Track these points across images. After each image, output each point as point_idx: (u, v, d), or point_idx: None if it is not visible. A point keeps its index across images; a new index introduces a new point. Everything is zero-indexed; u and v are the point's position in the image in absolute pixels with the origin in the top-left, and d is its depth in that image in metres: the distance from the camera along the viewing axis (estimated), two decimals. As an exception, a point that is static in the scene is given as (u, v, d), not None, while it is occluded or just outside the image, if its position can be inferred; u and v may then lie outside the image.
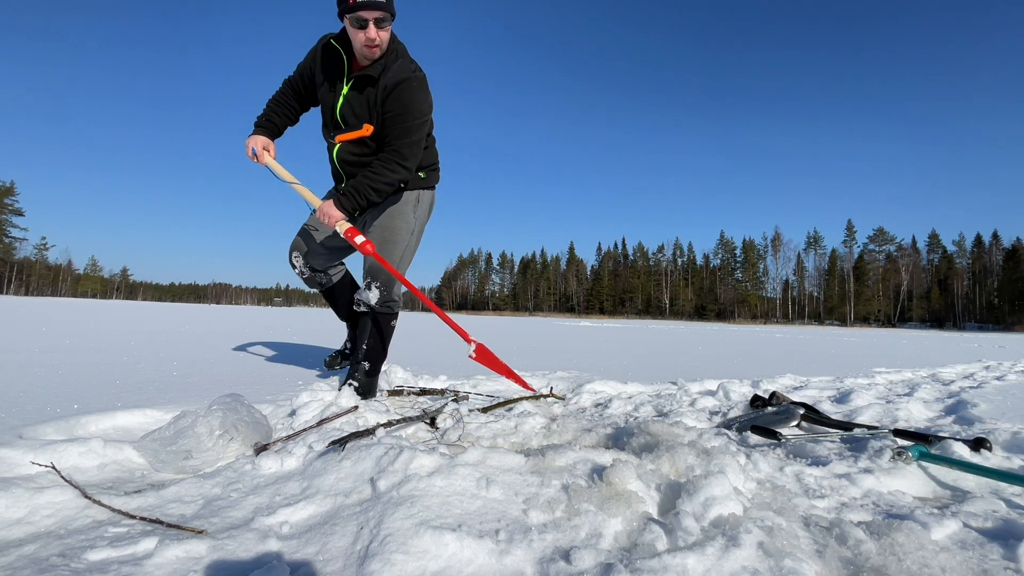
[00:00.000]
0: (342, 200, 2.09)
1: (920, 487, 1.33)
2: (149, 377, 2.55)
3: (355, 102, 2.11)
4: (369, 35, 1.94)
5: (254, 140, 2.25)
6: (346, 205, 2.10)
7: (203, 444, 1.34)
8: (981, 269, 61.68)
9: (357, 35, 1.95)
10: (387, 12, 1.94)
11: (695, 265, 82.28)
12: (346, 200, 2.09)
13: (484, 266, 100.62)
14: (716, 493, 1.04)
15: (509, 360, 2.56)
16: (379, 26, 1.94)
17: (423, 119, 2.11)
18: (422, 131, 2.13)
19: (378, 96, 2.06)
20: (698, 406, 2.37)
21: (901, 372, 4.33)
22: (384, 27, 1.96)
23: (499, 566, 0.87)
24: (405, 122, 2.06)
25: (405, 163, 2.10)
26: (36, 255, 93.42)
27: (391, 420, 1.70)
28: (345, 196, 2.09)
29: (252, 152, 2.23)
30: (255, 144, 2.23)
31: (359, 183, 2.09)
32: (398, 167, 2.10)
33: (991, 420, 2.00)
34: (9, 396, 1.93)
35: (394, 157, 2.09)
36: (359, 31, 1.94)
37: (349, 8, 1.90)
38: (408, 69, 2.07)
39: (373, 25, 1.93)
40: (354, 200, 2.10)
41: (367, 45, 1.97)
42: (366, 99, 2.09)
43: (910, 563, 0.90)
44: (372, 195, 2.11)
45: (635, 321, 44.25)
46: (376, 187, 2.09)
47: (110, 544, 0.90)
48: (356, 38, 1.97)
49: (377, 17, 1.92)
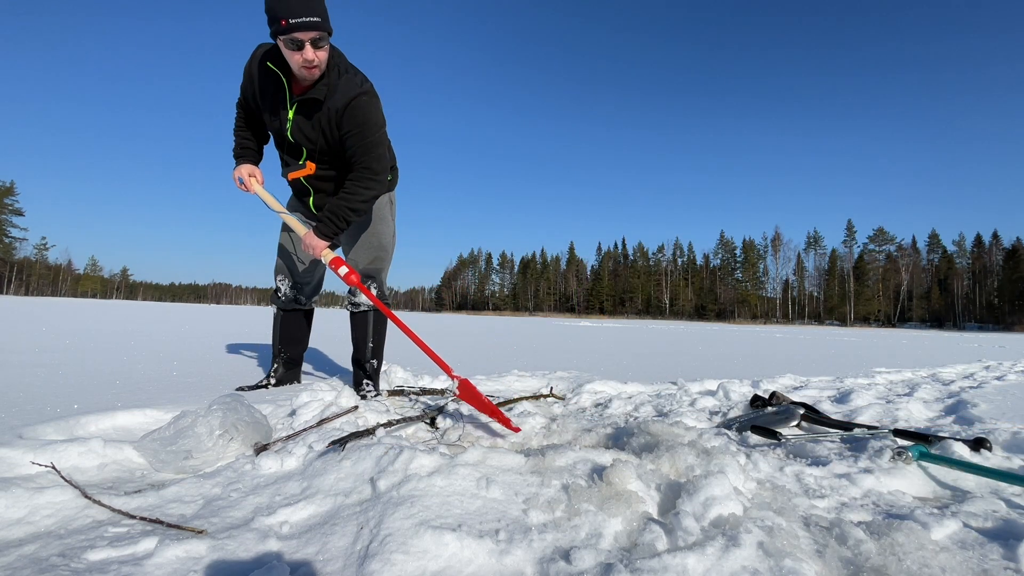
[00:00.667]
0: (322, 228, 2.06)
1: (920, 487, 1.33)
2: (149, 377, 2.55)
3: (304, 126, 2.05)
4: (307, 56, 1.83)
5: (239, 170, 2.20)
6: (327, 232, 2.06)
7: (203, 444, 1.34)
8: (981, 269, 61.66)
9: (293, 56, 1.85)
10: (323, 31, 1.83)
11: (695, 265, 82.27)
12: (325, 227, 2.05)
13: (484, 266, 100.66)
14: (716, 493, 1.04)
15: (509, 360, 2.56)
16: (316, 46, 1.84)
17: (380, 131, 2.07)
18: (383, 142, 2.10)
19: (331, 119, 2.01)
20: (698, 406, 2.37)
21: (901, 372, 4.33)
22: (321, 47, 1.86)
23: (499, 566, 0.87)
24: (365, 138, 2.02)
25: (377, 178, 2.08)
26: (36, 255, 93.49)
27: (391, 420, 1.70)
28: (324, 224, 2.05)
29: (239, 182, 2.20)
30: (241, 174, 2.19)
31: (336, 207, 2.04)
32: (371, 183, 2.06)
33: (991, 420, 2.00)
34: (9, 396, 1.93)
35: (365, 175, 2.04)
36: (295, 52, 1.83)
37: (282, 29, 1.78)
38: (355, 85, 1.99)
39: (310, 46, 1.82)
40: (334, 226, 2.06)
41: (305, 67, 1.87)
42: (317, 122, 2.03)
43: (910, 563, 0.90)
44: (351, 216, 2.07)
45: (635, 321, 44.25)
46: (353, 207, 2.05)
47: (110, 544, 0.90)
48: (293, 60, 1.86)
49: (313, 37, 1.81)
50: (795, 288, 72.62)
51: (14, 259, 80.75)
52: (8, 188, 70.79)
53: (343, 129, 2.01)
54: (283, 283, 2.44)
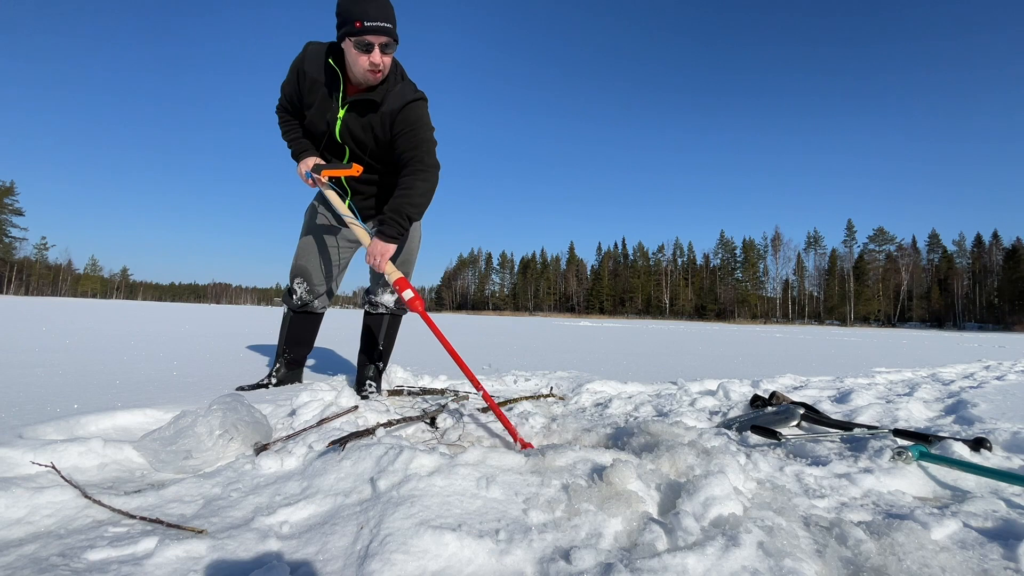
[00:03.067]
0: (387, 231, 1.98)
1: (920, 487, 1.33)
2: (149, 377, 2.55)
3: (354, 126, 2.03)
4: (374, 60, 1.86)
5: (307, 164, 2.14)
6: (392, 234, 1.99)
7: (203, 444, 1.34)
8: (981, 269, 61.66)
9: (360, 59, 1.86)
10: (392, 38, 1.87)
11: (695, 265, 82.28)
12: (391, 228, 1.98)
13: (484, 266, 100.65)
14: (716, 493, 1.04)
15: (509, 360, 2.56)
16: (384, 51, 1.87)
17: (432, 131, 2.06)
18: (433, 140, 2.07)
19: (384, 121, 2.00)
20: (698, 406, 2.37)
21: (901, 372, 4.33)
22: (389, 52, 1.89)
23: (499, 566, 0.87)
24: (418, 135, 2.00)
25: (431, 170, 2.03)
26: (36, 255, 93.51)
27: (391, 420, 1.70)
28: (388, 225, 1.98)
29: (307, 177, 2.14)
30: (309, 168, 2.12)
31: (398, 206, 1.98)
32: (427, 175, 2.02)
33: (991, 420, 2.00)
34: (9, 396, 1.93)
35: (419, 167, 2.01)
36: (363, 55, 1.85)
37: (355, 31, 1.81)
38: (412, 90, 2.01)
39: (379, 50, 1.85)
40: (398, 226, 1.99)
41: (370, 71, 1.89)
42: (368, 123, 2.02)
43: (910, 563, 0.90)
44: (413, 212, 2.01)
45: (635, 321, 44.23)
46: (414, 203, 2.00)
47: (110, 544, 0.90)
48: (358, 62, 1.87)
49: (383, 43, 1.84)
50: (795, 288, 72.64)
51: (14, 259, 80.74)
52: (8, 188, 70.80)
53: (396, 129, 2.00)
54: (300, 286, 2.36)
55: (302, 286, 2.36)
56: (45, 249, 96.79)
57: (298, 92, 2.07)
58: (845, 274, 67.46)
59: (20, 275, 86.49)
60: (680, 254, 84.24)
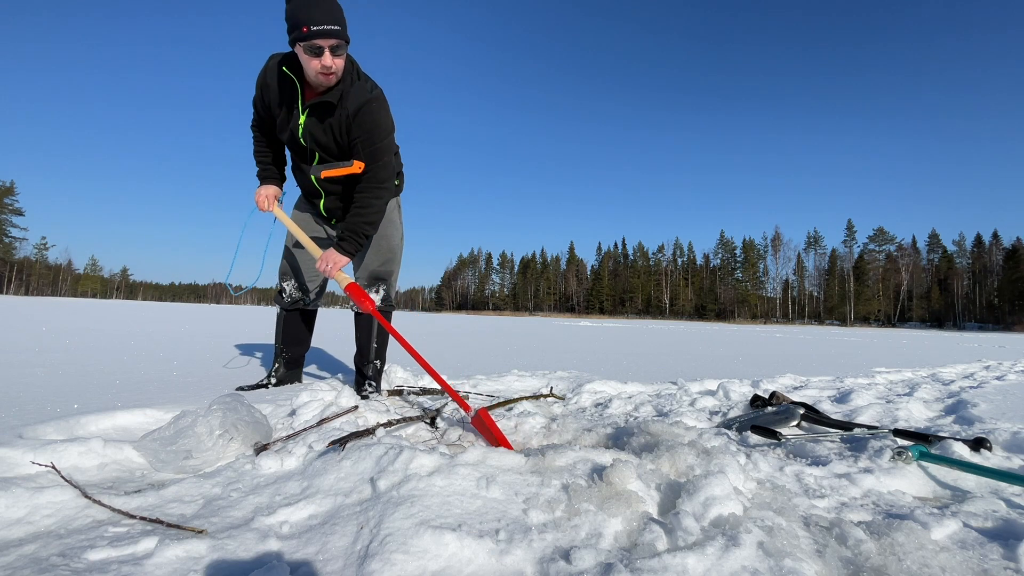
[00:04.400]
0: (344, 247, 2.09)
1: (920, 487, 1.33)
2: (149, 377, 2.55)
3: (315, 130, 2.07)
4: (324, 63, 1.87)
5: (265, 190, 2.28)
6: (349, 249, 2.10)
7: (203, 444, 1.34)
8: (981, 269, 61.65)
9: (311, 63, 1.88)
10: (342, 39, 1.87)
11: (695, 265, 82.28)
12: (348, 245, 2.09)
13: (484, 266, 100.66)
14: (716, 493, 1.04)
15: (509, 360, 2.56)
16: (335, 53, 1.88)
17: (389, 137, 2.10)
18: (391, 149, 2.13)
19: (341, 124, 2.04)
20: (698, 406, 2.37)
21: (901, 372, 4.33)
22: (339, 54, 1.89)
23: (499, 566, 0.87)
24: (373, 144, 2.05)
25: (384, 186, 2.11)
26: (36, 255, 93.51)
27: (391, 420, 1.70)
28: (346, 241, 2.09)
29: (264, 203, 2.26)
30: (267, 193, 2.27)
31: (354, 224, 2.08)
32: (380, 191, 2.10)
33: (991, 420, 2.00)
34: (9, 396, 1.93)
35: (373, 184, 2.09)
36: (314, 59, 1.87)
37: (303, 36, 1.82)
38: (366, 91, 2.02)
39: (329, 52, 1.86)
40: (355, 242, 2.10)
41: (322, 73, 1.91)
42: (328, 127, 2.06)
43: (910, 563, 0.90)
44: (368, 230, 2.11)
45: (635, 321, 44.24)
46: (369, 220, 2.10)
47: (110, 544, 0.90)
48: (310, 66, 1.89)
49: (332, 44, 1.85)
50: (795, 288, 72.64)
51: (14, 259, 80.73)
52: (8, 188, 70.80)
53: (353, 135, 2.05)
54: (288, 284, 2.45)
55: (291, 284, 2.45)
56: (45, 249, 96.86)
57: (265, 105, 2.13)
58: (845, 274, 67.46)
59: (20, 275, 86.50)
60: (680, 254, 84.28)
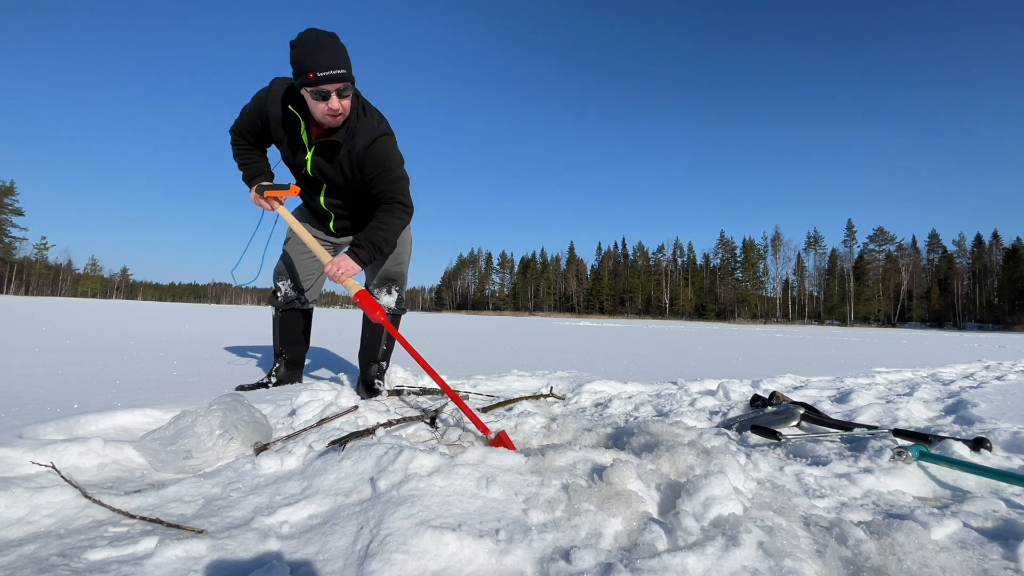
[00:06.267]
0: (359, 253, 2.06)
1: (920, 487, 1.33)
2: (149, 377, 2.55)
3: (324, 166, 2.10)
4: (332, 106, 1.89)
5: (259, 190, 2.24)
6: (363, 258, 2.07)
7: (203, 444, 1.34)
8: (981, 269, 61.63)
9: (319, 106, 1.90)
10: (348, 81, 1.88)
11: (695, 265, 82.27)
12: (363, 253, 2.07)
13: (484, 266, 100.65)
14: (716, 493, 1.04)
15: (509, 360, 2.56)
16: (341, 96, 1.89)
17: (401, 167, 2.14)
18: (405, 175, 2.16)
19: (351, 161, 2.07)
20: (698, 406, 2.37)
21: (901, 372, 4.33)
22: (346, 95, 1.91)
23: (499, 566, 0.87)
24: (389, 174, 2.08)
25: (408, 210, 2.16)
26: (36, 255, 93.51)
27: (391, 420, 1.70)
28: (362, 249, 2.06)
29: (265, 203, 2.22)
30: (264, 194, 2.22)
31: (373, 236, 2.07)
32: (403, 214, 2.13)
33: (991, 420, 2.00)
34: (9, 396, 1.93)
35: (397, 208, 2.11)
36: (321, 103, 1.88)
37: (310, 82, 1.83)
38: (373, 127, 2.04)
39: (336, 96, 1.88)
40: (371, 252, 2.08)
41: (330, 115, 1.92)
42: (338, 164, 2.09)
43: (910, 563, 0.90)
44: (385, 247, 2.12)
45: (635, 321, 44.22)
46: (388, 238, 2.11)
47: (110, 544, 0.90)
48: (317, 108, 1.91)
49: (339, 88, 1.86)
50: (795, 288, 72.64)
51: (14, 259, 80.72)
52: (8, 188, 70.78)
53: (365, 172, 2.09)
54: (283, 284, 2.46)
55: (285, 284, 2.46)
56: (45, 249, 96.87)
57: (263, 129, 2.16)
58: (845, 274, 67.45)
59: (20, 275, 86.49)
60: (680, 254, 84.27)
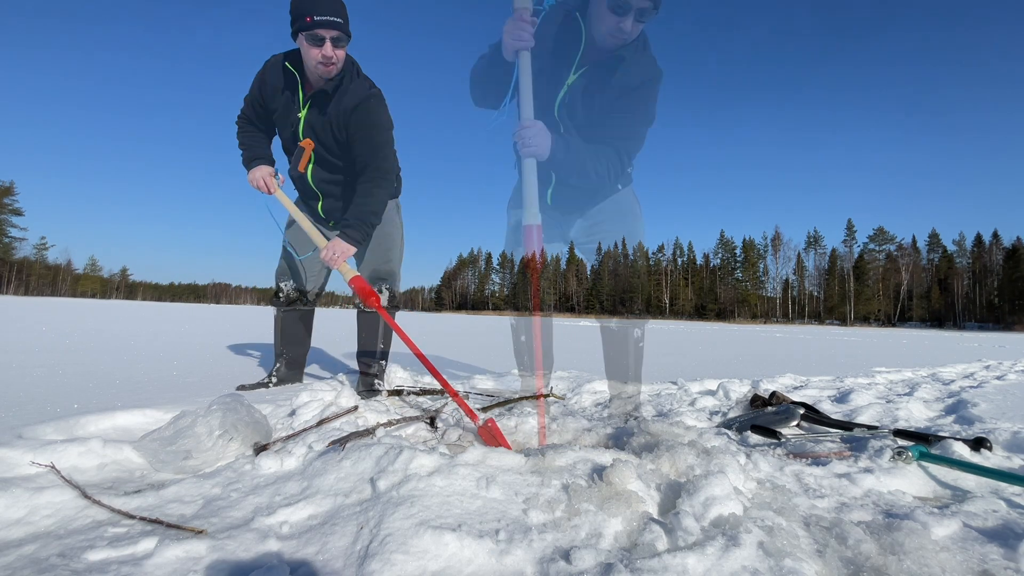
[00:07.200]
0: (350, 234, 2.05)
1: (920, 487, 1.33)
2: (149, 377, 2.55)
3: (315, 123, 2.11)
4: (325, 53, 1.92)
5: (259, 171, 2.23)
6: (355, 237, 2.06)
7: (203, 444, 1.34)
8: (981, 269, 61.58)
9: (312, 52, 1.93)
10: (343, 32, 1.93)
11: (695, 265, 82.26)
12: (353, 232, 2.06)
13: (484, 266, 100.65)
14: (716, 493, 1.04)
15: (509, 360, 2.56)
16: (336, 44, 1.94)
17: (388, 132, 2.14)
18: (391, 143, 2.16)
19: (339, 118, 2.07)
20: (698, 406, 2.37)
21: (901, 372, 4.32)
22: (340, 46, 1.95)
23: (499, 566, 0.87)
24: (374, 139, 2.08)
25: (388, 176, 2.14)
26: (35, 255, 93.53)
27: (391, 420, 1.70)
28: (352, 228, 2.06)
29: (263, 184, 2.22)
30: (262, 175, 2.22)
31: (360, 212, 2.07)
32: (384, 182, 2.12)
33: (991, 420, 2.00)
34: (9, 396, 1.93)
35: (376, 175, 2.10)
36: (314, 48, 1.92)
37: (306, 25, 1.88)
38: (365, 88, 2.08)
39: (330, 43, 1.92)
40: (362, 230, 2.08)
41: (322, 63, 1.95)
42: (328, 122, 2.09)
43: (910, 563, 0.90)
44: (373, 218, 2.11)
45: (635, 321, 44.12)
46: (375, 210, 2.10)
47: (110, 544, 0.90)
48: (310, 56, 1.94)
49: (334, 36, 1.91)
50: (795, 288, 72.61)
51: (13, 259, 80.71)
52: (8, 188, 70.74)
53: (351, 130, 2.08)
54: (285, 284, 2.45)
55: (288, 284, 2.45)
56: (45, 249, 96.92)
57: (261, 99, 2.17)
58: (845, 274, 67.42)
59: (20, 275, 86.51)
60: (680, 254, 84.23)
